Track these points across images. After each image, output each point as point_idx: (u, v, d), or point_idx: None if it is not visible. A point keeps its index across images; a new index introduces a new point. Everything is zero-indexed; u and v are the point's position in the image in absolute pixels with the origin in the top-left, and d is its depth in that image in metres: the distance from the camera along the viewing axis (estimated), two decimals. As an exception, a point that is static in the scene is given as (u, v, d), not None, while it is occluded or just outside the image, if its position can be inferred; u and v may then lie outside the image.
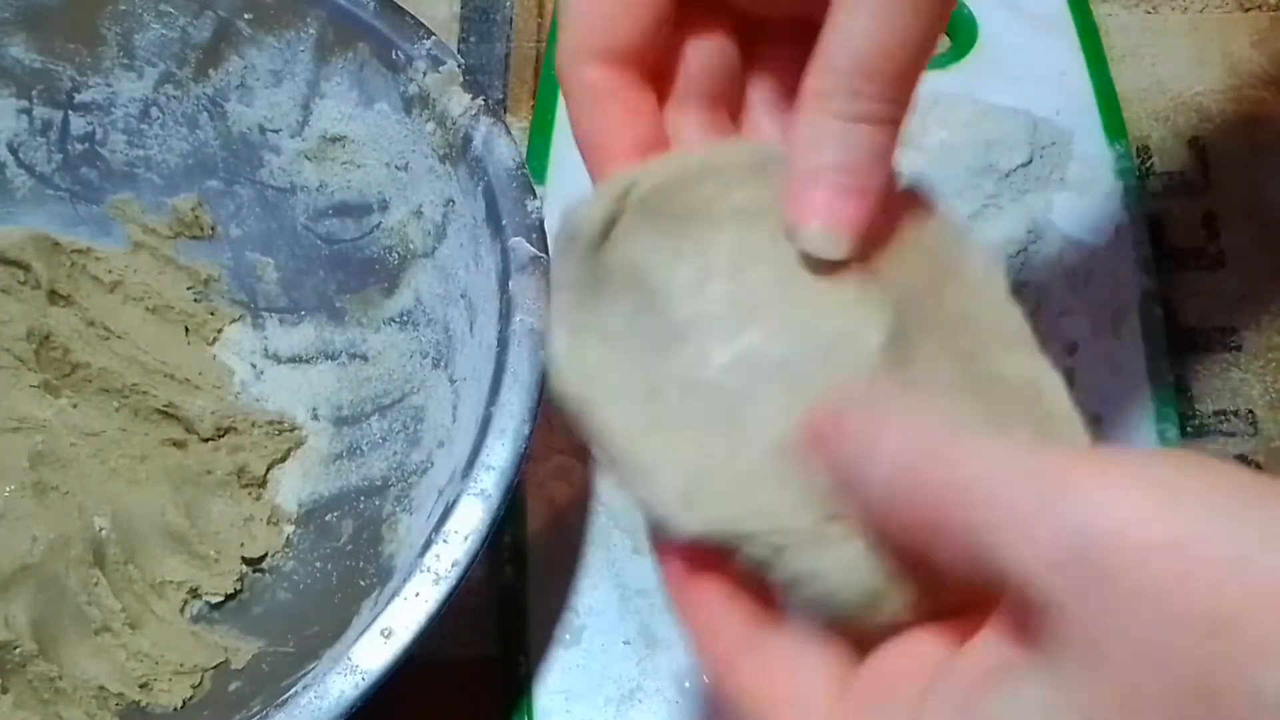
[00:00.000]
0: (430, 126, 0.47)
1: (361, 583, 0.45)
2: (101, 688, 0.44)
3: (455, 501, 0.39)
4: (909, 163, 0.36)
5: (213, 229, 0.53)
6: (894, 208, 0.29)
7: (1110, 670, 0.20)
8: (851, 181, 0.27)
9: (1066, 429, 0.26)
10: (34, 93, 0.52)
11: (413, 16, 0.48)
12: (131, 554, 0.47)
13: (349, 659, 0.37)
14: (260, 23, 0.49)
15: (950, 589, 0.24)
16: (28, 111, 0.52)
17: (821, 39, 0.27)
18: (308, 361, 0.52)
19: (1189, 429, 0.51)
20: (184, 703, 0.45)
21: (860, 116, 0.27)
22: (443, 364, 0.47)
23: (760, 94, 0.32)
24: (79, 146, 0.53)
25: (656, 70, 0.30)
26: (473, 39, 0.61)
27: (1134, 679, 0.20)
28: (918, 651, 0.25)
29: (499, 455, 0.40)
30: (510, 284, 0.42)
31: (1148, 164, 0.57)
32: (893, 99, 0.27)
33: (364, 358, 0.51)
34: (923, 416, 0.24)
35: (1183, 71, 0.59)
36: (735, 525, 0.26)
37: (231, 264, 0.54)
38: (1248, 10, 0.60)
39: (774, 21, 0.31)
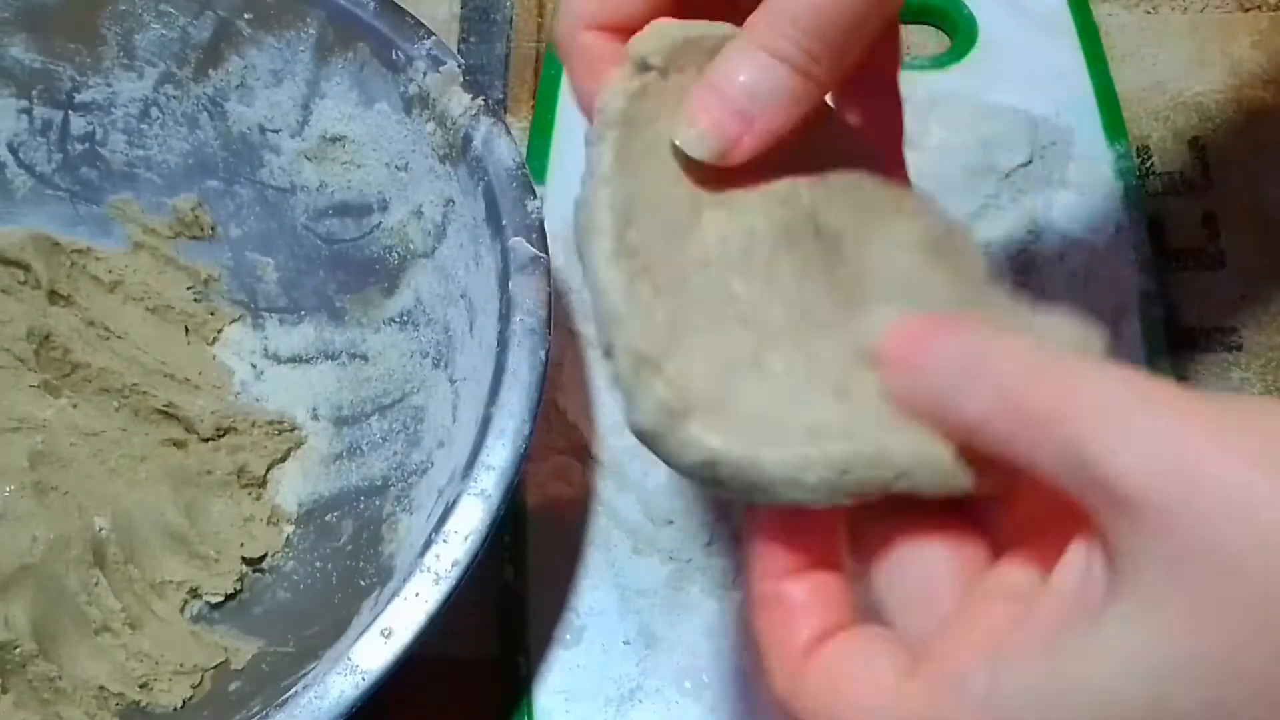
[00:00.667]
0: (430, 126, 0.47)
1: (361, 583, 0.45)
2: (101, 688, 0.44)
3: (455, 501, 0.39)
4: (910, 163, 0.36)
5: (213, 229, 0.53)
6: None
7: (1197, 580, 0.22)
8: (747, 106, 0.29)
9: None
10: (34, 93, 0.52)
11: (413, 16, 0.48)
12: (131, 554, 0.47)
13: (349, 659, 0.37)
14: (260, 23, 0.49)
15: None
16: (28, 111, 0.52)
17: None
18: (308, 361, 0.52)
19: (1189, 429, 0.51)
20: (184, 703, 0.45)
21: (782, 56, 0.29)
22: (443, 364, 0.47)
23: None
24: (79, 146, 0.53)
25: None
26: (473, 39, 0.61)
27: (1220, 588, 0.21)
28: (1003, 587, 0.26)
29: (499, 455, 0.40)
30: (510, 284, 0.42)
31: (1148, 164, 0.57)
32: (817, 56, 0.29)
33: (364, 358, 0.51)
34: (1021, 342, 0.25)
35: (1183, 71, 0.59)
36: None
37: (231, 264, 0.54)
38: (1248, 10, 0.60)
39: None
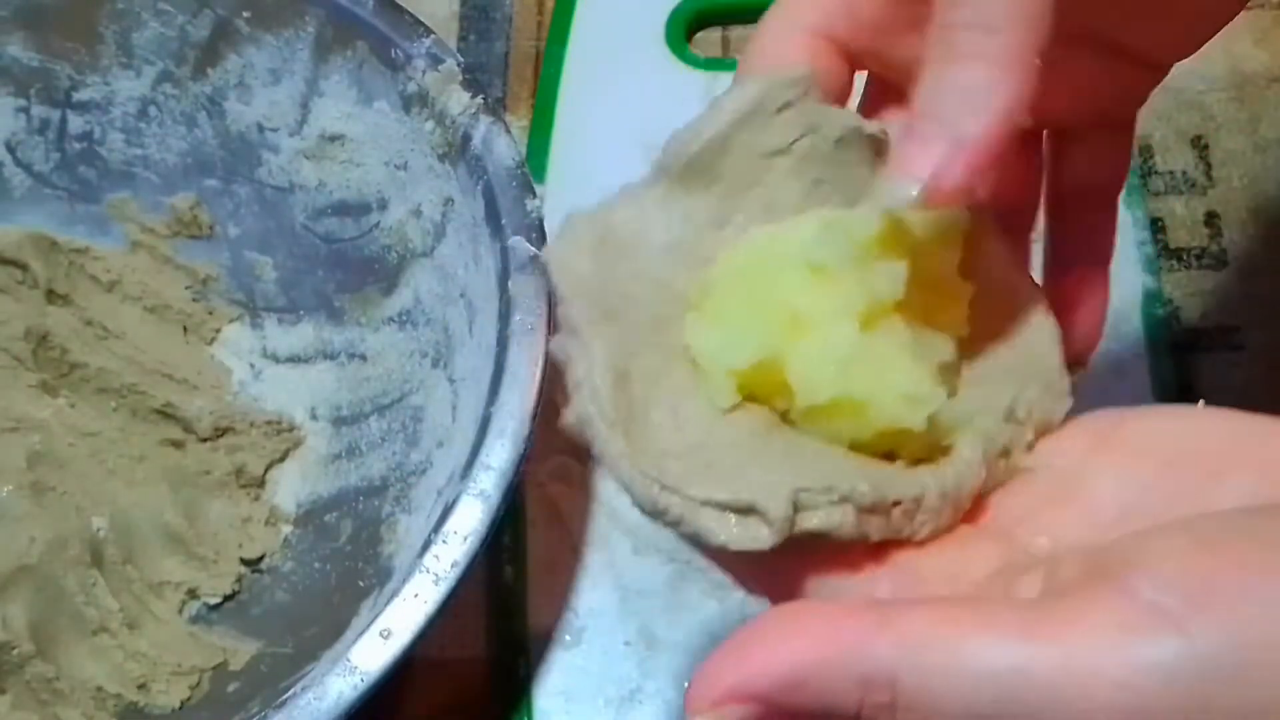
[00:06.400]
0: (429, 125, 0.46)
1: (360, 583, 0.45)
2: (99, 688, 0.44)
3: (455, 502, 0.39)
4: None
5: (211, 228, 0.53)
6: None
7: None
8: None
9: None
10: (32, 91, 0.52)
11: (412, 15, 0.48)
12: (129, 554, 0.47)
13: (348, 660, 0.37)
14: (259, 21, 0.49)
15: None
16: (25, 110, 0.52)
17: None
18: (306, 361, 0.52)
19: (1191, 429, 0.51)
20: (182, 704, 0.45)
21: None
22: (442, 364, 0.47)
23: None
24: (77, 145, 0.53)
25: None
26: (472, 37, 0.61)
27: None
28: None
29: (499, 455, 0.40)
30: (510, 283, 0.42)
31: (1149, 163, 0.56)
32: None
33: (363, 357, 0.51)
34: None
35: (1185, 70, 0.58)
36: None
37: (230, 263, 0.53)
38: (1250, 9, 0.60)
39: None
